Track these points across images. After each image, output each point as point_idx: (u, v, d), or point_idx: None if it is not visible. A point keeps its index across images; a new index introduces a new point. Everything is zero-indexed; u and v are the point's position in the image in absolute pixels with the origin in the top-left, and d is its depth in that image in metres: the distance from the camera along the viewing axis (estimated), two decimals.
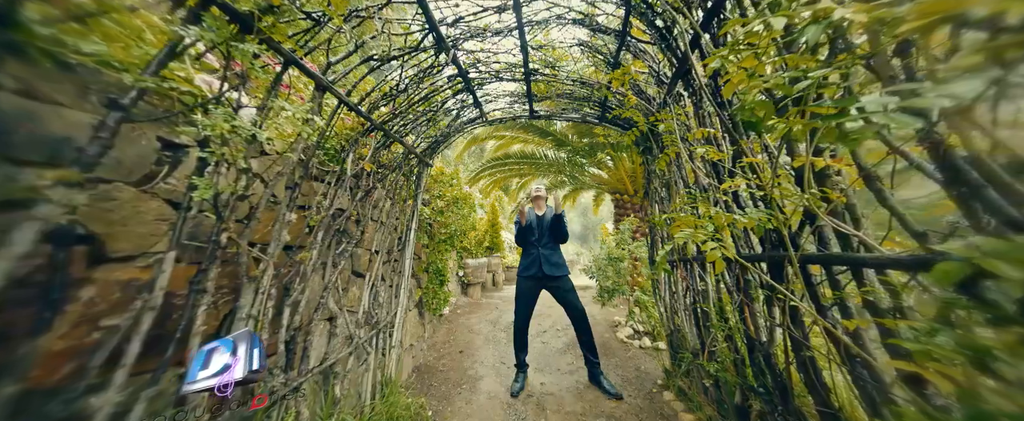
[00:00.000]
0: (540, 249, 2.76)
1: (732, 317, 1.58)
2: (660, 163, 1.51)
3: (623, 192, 8.24)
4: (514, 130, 7.23)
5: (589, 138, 6.95)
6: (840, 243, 0.86)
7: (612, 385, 2.57)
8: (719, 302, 1.68)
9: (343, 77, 1.49)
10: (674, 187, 2.07)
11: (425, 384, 2.87)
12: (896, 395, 0.69)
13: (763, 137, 1.13)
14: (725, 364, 1.61)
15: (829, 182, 0.86)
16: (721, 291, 1.67)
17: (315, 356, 1.65)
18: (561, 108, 3.04)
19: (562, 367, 3.12)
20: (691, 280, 1.99)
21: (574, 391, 2.66)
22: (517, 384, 2.70)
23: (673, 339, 2.47)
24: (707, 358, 1.73)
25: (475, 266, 6.71)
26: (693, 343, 1.97)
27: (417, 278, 3.67)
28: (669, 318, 2.52)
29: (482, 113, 2.93)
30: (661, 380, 2.67)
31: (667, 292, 2.57)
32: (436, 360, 3.39)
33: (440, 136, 2.85)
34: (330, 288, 1.73)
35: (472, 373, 3.06)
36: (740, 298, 1.44)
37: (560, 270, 2.72)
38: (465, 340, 3.94)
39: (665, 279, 2.57)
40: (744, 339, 1.45)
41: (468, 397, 2.63)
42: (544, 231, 2.79)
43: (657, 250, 2.72)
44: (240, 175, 1.06)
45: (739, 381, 1.52)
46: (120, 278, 0.80)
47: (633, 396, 2.50)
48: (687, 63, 1.55)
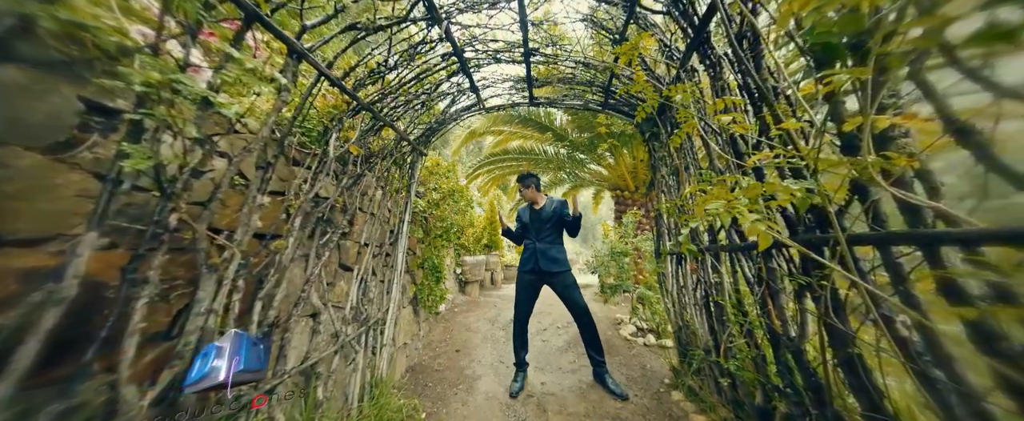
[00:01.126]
0: (537, 243, 2.63)
1: (752, 310, 1.44)
2: (675, 140, 1.36)
3: (623, 188, 8.10)
4: (512, 125, 7.07)
5: (589, 132, 6.80)
6: (905, 219, 0.71)
7: (618, 385, 2.43)
8: (736, 294, 1.53)
9: (322, 44, 1.33)
10: (684, 173, 1.93)
11: (419, 384, 2.73)
12: (994, 405, 0.54)
13: (838, 67, 0.98)
14: (743, 362, 1.48)
15: (893, 145, 0.72)
16: (739, 282, 1.53)
17: (295, 356, 1.50)
18: (562, 94, 2.89)
19: (564, 366, 2.99)
20: (703, 272, 1.85)
21: (577, 391, 2.52)
22: (516, 384, 2.56)
23: (681, 336, 2.33)
24: (722, 355, 1.59)
25: (473, 263, 6.57)
26: (705, 340, 1.83)
27: (412, 274, 3.53)
28: (677, 314, 2.39)
29: (479, 100, 2.78)
30: (669, 379, 2.53)
31: (674, 286, 2.43)
32: (432, 359, 3.25)
33: (434, 123, 2.69)
34: (313, 281, 1.58)
35: (469, 373, 2.91)
36: (763, 289, 1.30)
37: (559, 265, 2.58)
38: (462, 339, 3.80)
39: (673, 272, 2.43)
40: (767, 334, 1.31)
41: (465, 398, 2.49)
42: (542, 225, 2.65)
43: (664, 241, 2.58)
44: (193, 147, 0.91)
45: (760, 380, 1.39)
46: (19, 266, 0.64)
47: (639, 396, 2.37)
48: (704, 31, 1.40)
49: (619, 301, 5.46)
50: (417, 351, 3.39)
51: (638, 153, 7.09)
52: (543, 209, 2.72)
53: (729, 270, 1.53)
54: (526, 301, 2.65)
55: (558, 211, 2.65)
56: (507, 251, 10.05)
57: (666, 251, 2.48)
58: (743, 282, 1.49)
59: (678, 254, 2.29)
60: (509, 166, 8.74)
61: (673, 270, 2.42)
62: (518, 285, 2.69)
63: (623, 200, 7.84)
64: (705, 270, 1.84)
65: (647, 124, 2.44)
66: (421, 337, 3.63)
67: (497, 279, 8.09)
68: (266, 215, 1.33)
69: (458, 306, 5.62)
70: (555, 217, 2.65)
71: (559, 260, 2.60)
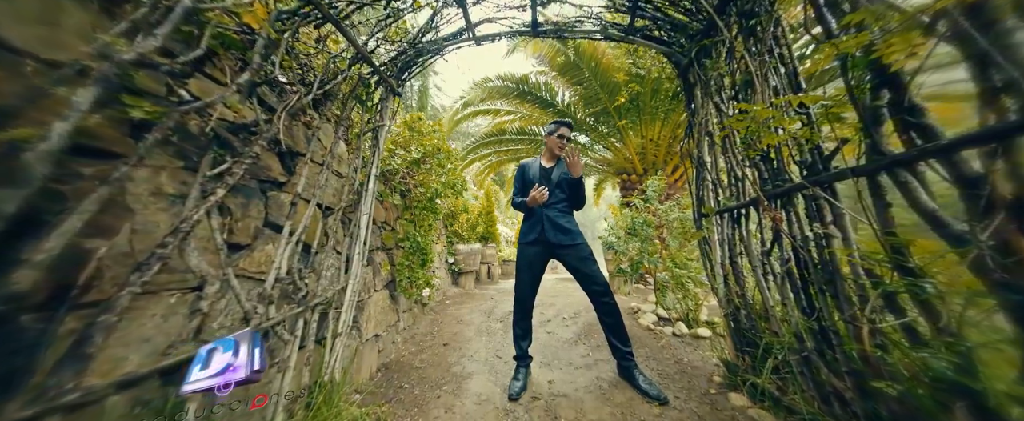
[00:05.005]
0: (544, 210, 2.02)
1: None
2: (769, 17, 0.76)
3: (631, 172, 7.53)
4: (509, 99, 6.46)
5: (595, 107, 6.20)
6: None
7: (652, 383, 1.84)
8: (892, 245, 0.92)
9: None
10: (760, 84, 1.33)
11: (392, 386, 2.12)
12: None
13: None
14: (905, 365, 0.88)
15: None
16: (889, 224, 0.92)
17: (143, 352, 0.89)
18: (575, 19, 2.28)
19: (575, 360, 2.39)
20: (797, 223, 1.25)
21: (595, 391, 1.93)
22: (517, 382, 1.97)
23: (738, 321, 1.74)
24: (857, 342, 0.99)
25: (467, 252, 5.97)
26: (796, 323, 1.24)
27: (389, 253, 2.92)
28: (731, 292, 1.79)
29: (468, 22, 2.17)
30: (719, 376, 1.94)
31: (726, 255, 1.83)
32: (412, 355, 2.64)
33: (408, 47, 2.08)
34: (188, 233, 0.97)
35: (458, 370, 2.32)
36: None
37: (571, 237, 1.99)
38: (452, 331, 3.20)
39: (725, 237, 1.84)
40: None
41: (450, 402, 1.90)
42: (552, 188, 2.04)
43: (708, 198, 1.99)
44: None
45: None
46: None
47: (683, 398, 1.78)
48: None
49: (629, 291, 4.88)
50: (395, 345, 2.78)
51: (648, 131, 6.52)
52: (554, 168, 2.12)
53: (870, 207, 0.92)
54: (530, 277, 2.06)
55: (567, 174, 2.06)
56: (505, 246, 9.41)
57: (713, 210, 1.88)
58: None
59: (736, 211, 1.70)
60: (507, 151, 8.10)
61: (726, 234, 1.82)
62: (519, 262, 2.10)
63: (630, 185, 7.28)
64: (794, 222, 1.25)
65: (693, 40, 1.84)
66: (401, 329, 3.02)
67: (494, 273, 7.48)
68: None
69: (450, 298, 5.03)
70: (565, 179, 2.05)
71: (571, 231, 2.01)
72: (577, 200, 2.08)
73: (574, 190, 2.04)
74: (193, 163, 1.05)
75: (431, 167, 2.95)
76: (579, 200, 2.08)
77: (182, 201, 1.02)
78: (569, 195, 2.07)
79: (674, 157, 6.78)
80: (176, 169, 1.03)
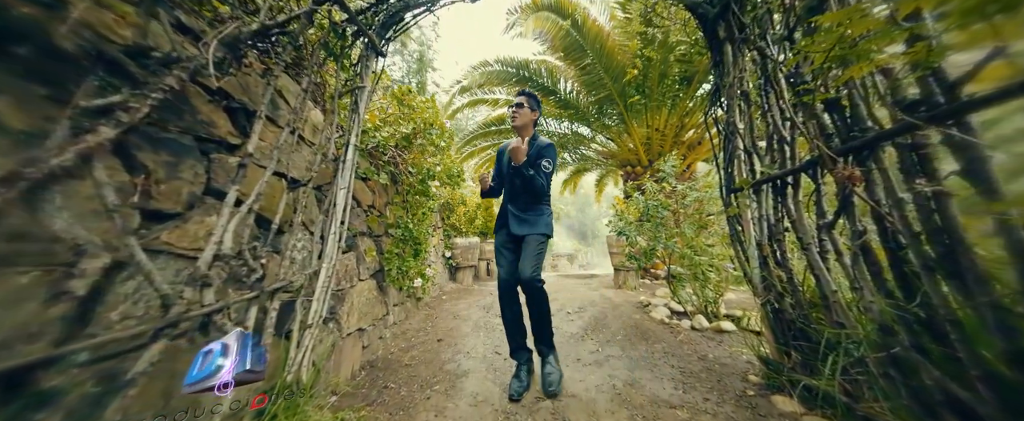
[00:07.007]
0: (508, 205, 1.92)
1: None
2: None
3: (635, 164, 7.26)
4: (508, 85, 6.17)
5: (599, 94, 5.92)
6: None
7: (555, 380, 1.69)
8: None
9: None
10: None
11: (377, 385, 1.86)
12: None
13: None
14: None
15: None
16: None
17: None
18: None
19: (584, 357, 2.13)
20: (875, 189, 0.97)
21: (609, 391, 1.67)
22: (519, 381, 1.71)
23: (781, 311, 1.47)
24: (988, 338, 0.73)
25: (465, 246, 5.71)
26: (884, 312, 0.96)
27: (378, 240, 2.64)
28: (772, 277, 1.52)
29: None
30: (756, 375, 1.67)
31: (764, 233, 1.56)
32: (402, 352, 2.37)
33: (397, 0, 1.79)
34: (44, 181, 0.69)
35: (452, 368, 2.05)
36: None
37: (530, 226, 1.82)
38: (447, 327, 2.93)
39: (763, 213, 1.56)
40: None
41: (441, 403, 1.63)
42: (522, 168, 1.73)
43: (740, 169, 1.72)
44: None
45: None
46: None
47: (714, 401, 1.51)
48: None
49: (635, 286, 4.62)
50: (382, 341, 2.51)
51: (653, 120, 6.24)
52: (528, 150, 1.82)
53: None
54: (506, 258, 1.88)
55: (538, 157, 1.80)
56: None
57: (749, 183, 1.61)
58: None
59: (781, 179, 1.42)
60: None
61: (765, 209, 1.55)
62: (495, 244, 1.97)
63: (635, 177, 7.00)
64: (877, 183, 0.98)
65: None
66: (391, 324, 2.75)
67: (493, 270, 7.21)
68: None
69: (447, 293, 4.77)
70: (514, 176, 1.78)
71: (531, 222, 1.83)
72: (537, 186, 1.75)
73: (525, 181, 1.73)
74: (66, 94, 0.76)
75: (424, 144, 2.67)
76: (538, 187, 1.75)
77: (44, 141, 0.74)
78: (531, 177, 1.75)
79: (681, 147, 6.52)
80: (37, 98, 0.73)
